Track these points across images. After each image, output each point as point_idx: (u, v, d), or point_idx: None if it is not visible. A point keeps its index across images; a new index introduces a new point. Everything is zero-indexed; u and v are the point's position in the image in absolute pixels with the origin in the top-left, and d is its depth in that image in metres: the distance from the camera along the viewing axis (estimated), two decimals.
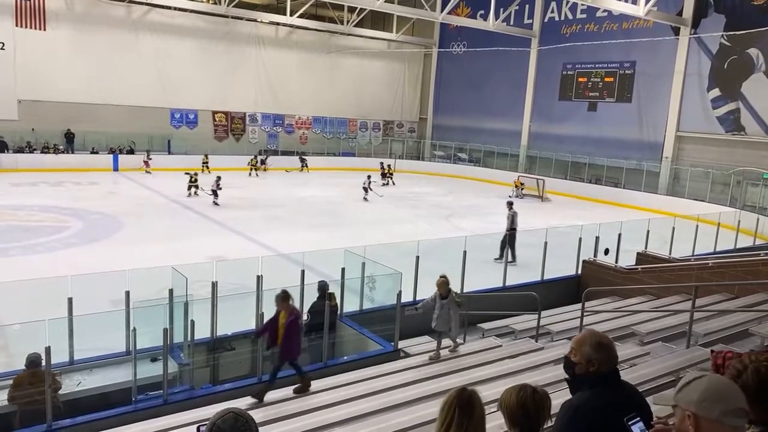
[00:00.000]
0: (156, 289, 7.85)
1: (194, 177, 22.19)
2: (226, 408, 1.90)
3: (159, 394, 6.04)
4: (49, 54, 26.92)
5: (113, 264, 11.76)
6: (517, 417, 2.39)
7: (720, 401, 1.75)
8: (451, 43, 36.33)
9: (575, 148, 28.96)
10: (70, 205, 18.95)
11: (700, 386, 1.79)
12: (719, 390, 1.79)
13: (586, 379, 2.58)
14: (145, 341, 6.49)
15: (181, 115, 31.50)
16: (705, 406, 1.75)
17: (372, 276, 8.98)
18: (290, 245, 14.62)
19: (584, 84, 29.43)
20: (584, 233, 12.37)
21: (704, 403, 1.75)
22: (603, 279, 11.28)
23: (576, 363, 2.62)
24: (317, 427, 4.95)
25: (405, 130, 39.06)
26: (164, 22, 29.89)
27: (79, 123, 28.07)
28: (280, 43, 33.73)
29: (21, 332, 7.74)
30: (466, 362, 6.66)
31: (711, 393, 1.76)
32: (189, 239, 15.62)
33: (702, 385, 1.79)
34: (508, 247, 13.05)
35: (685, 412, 1.78)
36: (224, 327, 7.84)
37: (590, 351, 2.61)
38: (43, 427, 5.38)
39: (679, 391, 1.83)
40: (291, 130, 35.33)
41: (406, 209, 22.45)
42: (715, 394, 1.77)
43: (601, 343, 2.61)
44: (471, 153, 34.50)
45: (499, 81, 33.33)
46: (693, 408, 1.76)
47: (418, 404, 5.24)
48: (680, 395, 1.82)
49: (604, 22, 28.13)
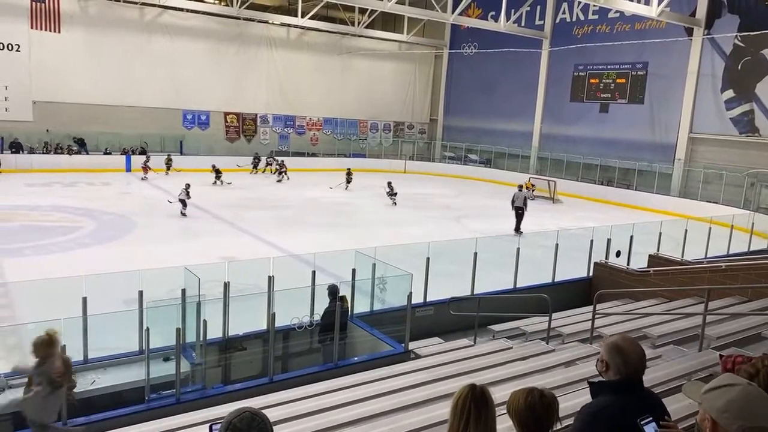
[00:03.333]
0: (168, 289, 7.92)
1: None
2: (242, 407, 1.92)
3: (171, 393, 6.09)
4: (63, 56, 27.23)
5: (126, 264, 11.87)
6: (526, 420, 2.40)
7: (741, 417, 1.72)
8: (462, 44, 36.29)
9: (587, 150, 28.83)
10: (84, 205, 19.14)
11: (727, 395, 1.76)
12: (745, 405, 1.75)
13: (606, 384, 2.59)
14: (158, 341, 6.55)
15: (193, 116, 31.72)
16: (726, 417, 1.73)
17: (383, 277, 8.99)
18: (300, 246, 14.69)
19: (596, 85, 29.28)
20: (596, 235, 12.33)
21: (725, 414, 1.73)
22: (615, 281, 11.22)
23: (598, 360, 2.66)
24: (328, 427, 4.97)
25: (415, 132, 39.06)
26: (177, 24, 30.12)
27: (92, 124, 28.36)
28: (292, 45, 33.87)
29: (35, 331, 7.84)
30: (477, 364, 6.65)
31: (735, 406, 1.74)
32: (200, 239, 15.74)
33: (729, 395, 1.76)
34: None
35: (706, 413, 1.78)
36: (236, 327, 7.90)
37: (606, 354, 2.62)
38: (59, 424, 5.45)
39: (708, 391, 1.82)
40: (302, 131, 35.46)
41: (415, 210, 22.44)
42: (740, 408, 1.74)
43: (616, 347, 2.61)
44: (481, 154, 34.43)
45: (510, 82, 33.25)
46: (714, 414, 1.75)
47: (428, 405, 5.24)
48: (707, 396, 1.81)
49: (616, 23, 27.98)
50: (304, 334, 8.13)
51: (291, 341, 8.26)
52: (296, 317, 7.81)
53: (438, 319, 9.67)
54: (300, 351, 8.37)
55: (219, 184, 25.00)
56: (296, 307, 8.01)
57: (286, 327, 7.82)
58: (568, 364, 6.55)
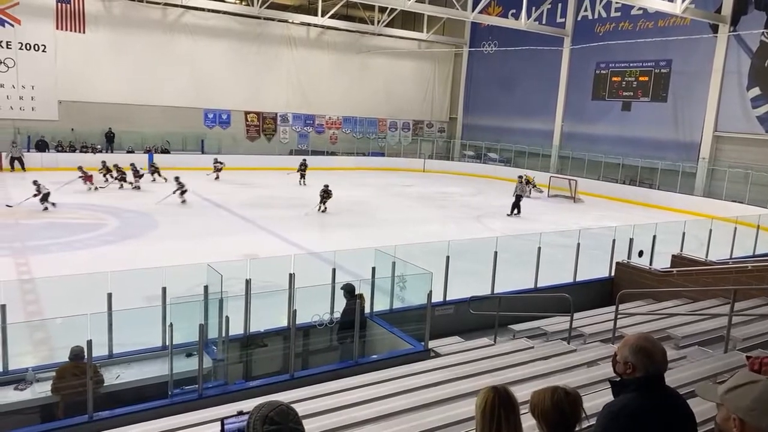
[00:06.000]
0: (189, 285, 8.02)
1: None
2: (272, 400, 1.94)
3: (194, 388, 6.16)
4: (87, 56, 27.68)
5: (148, 261, 12.05)
6: (552, 419, 2.39)
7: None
8: (482, 42, 36.10)
9: (608, 149, 28.49)
10: (107, 203, 19.44)
11: (752, 392, 1.73)
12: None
13: (628, 382, 2.57)
14: (180, 337, 6.63)
15: (214, 115, 32.02)
16: (754, 414, 1.69)
17: (402, 275, 9.00)
18: (320, 244, 14.78)
19: (618, 83, 28.93)
20: (617, 235, 12.19)
21: (754, 412, 1.69)
22: (637, 281, 11.08)
23: (617, 361, 2.63)
24: (349, 424, 5.00)
25: (435, 130, 38.97)
26: (198, 24, 30.43)
27: (116, 123, 28.80)
28: (311, 44, 34.01)
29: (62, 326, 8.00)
30: (498, 363, 6.63)
31: (763, 402, 1.70)
32: (221, 237, 15.88)
33: (755, 392, 1.73)
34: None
35: (731, 413, 1.75)
36: (256, 324, 7.96)
37: (628, 353, 2.60)
38: (85, 417, 5.56)
39: (729, 391, 1.79)
40: (321, 130, 35.59)
41: (435, 209, 22.42)
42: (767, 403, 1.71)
43: (641, 348, 2.59)
44: (502, 153, 34.24)
45: (530, 80, 33.00)
46: (741, 414, 1.72)
47: (449, 404, 5.24)
48: (729, 396, 1.78)
49: (639, 20, 27.61)
50: (324, 332, 8.17)
51: (311, 338, 8.31)
52: (317, 314, 7.86)
53: (458, 318, 9.64)
54: (320, 348, 8.41)
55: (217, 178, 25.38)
56: (315, 304, 8.05)
57: (307, 324, 7.87)
58: (590, 364, 6.50)
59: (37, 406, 6.24)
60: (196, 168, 27.46)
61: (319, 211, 19.55)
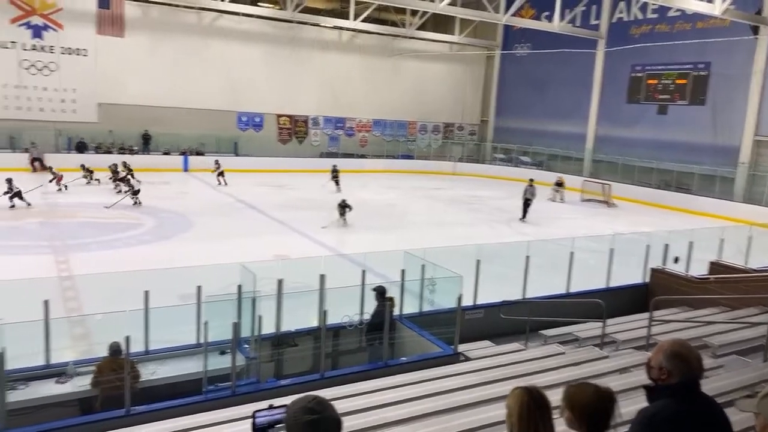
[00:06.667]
0: (223, 284, 8.16)
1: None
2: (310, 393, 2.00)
3: (227, 385, 6.27)
4: (126, 60, 28.43)
5: (183, 260, 12.31)
6: (589, 413, 2.35)
7: None
8: (515, 44, 35.83)
9: (643, 153, 27.94)
10: (144, 203, 19.89)
11: None
12: None
13: (664, 388, 2.54)
14: (214, 335, 6.76)
15: (247, 118, 32.51)
16: None
17: (432, 278, 9.00)
18: (349, 246, 14.88)
19: (654, 86, 28.37)
20: (652, 240, 11.96)
21: None
22: (672, 288, 10.85)
23: (651, 367, 2.60)
24: (378, 424, 5.02)
25: (465, 133, 38.81)
26: (232, 28, 30.96)
27: (152, 125, 29.48)
28: (343, 47, 34.25)
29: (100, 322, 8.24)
30: (528, 368, 6.58)
31: None
32: (254, 238, 16.11)
33: None
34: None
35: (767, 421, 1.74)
36: (287, 324, 8.06)
37: (663, 359, 2.58)
38: (122, 411, 5.71)
39: (765, 397, 1.79)
40: (352, 132, 35.79)
41: (465, 213, 22.32)
42: None
43: (677, 354, 2.56)
44: (533, 156, 33.89)
45: (563, 83, 32.61)
46: None
47: (479, 407, 5.23)
48: (763, 403, 1.77)
49: (676, 22, 27.04)
50: (353, 333, 8.23)
51: (340, 339, 8.38)
52: (347, 315, 7.92)
53: (488, 323, 9.59)
54: (349, 349, 8.47)
55: (224, 184, 24.93)
56: (344, 306, 8.11)
57: (336, 325, 7.93)
58: (623, 370, 6.40)
59: (77, 399, 6.43)
60: (230, 170, 27.89)
61: (339, 226, 18.04)
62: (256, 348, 7.06)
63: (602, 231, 17.44)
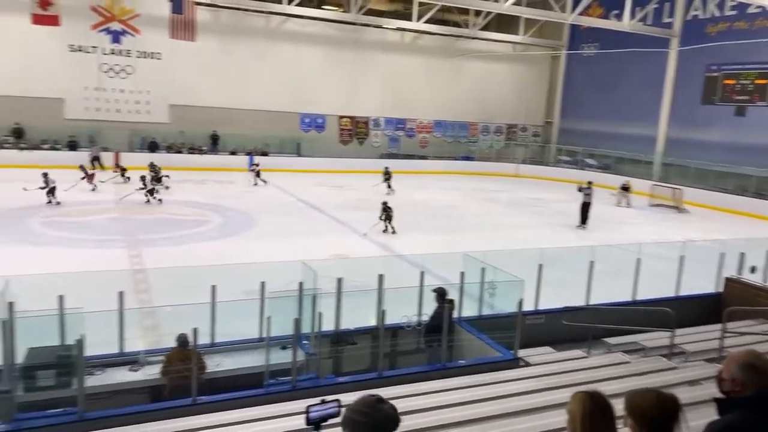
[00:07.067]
0: (285, 281, 8.35)
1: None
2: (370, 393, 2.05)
3: (288, 380, 6.42)
4: (196, 62, 29.55)
5: (247, 256, 12.68)
6: (651, 419, 2.27)
7: None
8: (581, 44, 34.88)
9: (718, 156, 26.56)
10: (211, 201, 20.63)
11: None
12: None
13: (736, 401, 2.43)
14: (275, 330, 6.93)
15: (310, 119, 33.12)
16: None
17: (492, 282, 8.89)
18: (408, 247, 14.90)
19: (731, 87, 26.96)
20: (726, 248, 11.37)
21: None
22: (748, 299, 10.28)
23: (723, 379, 2.49)
24: (437, 425, 5.02)
25: (529, 134, 38.10)
26: (298, 31, 31.62)
27: (220, 126, 30.50)
28: (406, 49, 34.34)
29: (170, 314, 8.60)
30: (591, 376, 6.40)
31: None
32: (315, 237, 16.39)
33: None
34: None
35: None
36: (346, 322, 8.17)
37: (737, 370, 2.46)
38: (188, 400, 5.94)
39: None
40: (412, 134, 35.80)
41: (528, 216, 21.92)
42: None
43: (752, 365, 2.44)
44: (600, 159, 32.85)
45: (632, 83, 31.48)
46: None
47: (539, 413, 5.14)
48: None
49: (756, 19, 25.61)
50: (411, 334, 8.23)
51: (398, 339, 8.40)
52: (405, 315, 7.94)
53: (549, 328, 9.38)
54: (407, 350, 8.48)
55: (262, 183, 25.15)
56: (402, 306, 8.13)
57: (394, 325, 7.97)
58: (692, 382, 6.13)
59: (148, 386, 6.75)
60: (292, 170, 28.57)
61: (384, 233, 17.00)
62: (316, 344, 7.19)
63: (671, 237, 16.73)
